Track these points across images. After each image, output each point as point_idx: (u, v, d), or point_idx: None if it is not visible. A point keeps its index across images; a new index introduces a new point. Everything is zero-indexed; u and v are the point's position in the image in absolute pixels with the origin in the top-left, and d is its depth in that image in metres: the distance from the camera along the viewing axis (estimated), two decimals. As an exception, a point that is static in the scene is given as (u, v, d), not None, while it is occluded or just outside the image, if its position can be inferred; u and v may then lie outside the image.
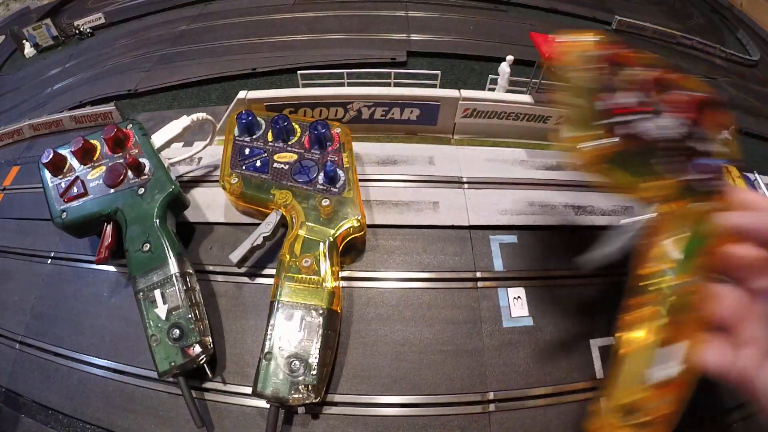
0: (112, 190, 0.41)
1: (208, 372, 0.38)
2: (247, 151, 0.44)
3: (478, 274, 0.45)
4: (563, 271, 0.45)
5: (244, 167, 0.43)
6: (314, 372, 0.34)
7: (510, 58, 0.87)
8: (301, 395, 0.33)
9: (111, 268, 0.47)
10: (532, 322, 0.42)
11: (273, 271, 0.40)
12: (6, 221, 0.67)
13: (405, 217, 0.48)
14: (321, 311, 0.36)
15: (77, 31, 1.41)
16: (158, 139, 0.46)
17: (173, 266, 0.38)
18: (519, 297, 0.43)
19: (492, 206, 0.50)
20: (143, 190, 0.41)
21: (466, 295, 0.42)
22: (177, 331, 0.35)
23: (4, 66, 1.41)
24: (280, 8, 1.35)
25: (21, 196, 0.77)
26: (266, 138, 0.45)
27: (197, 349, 0.35)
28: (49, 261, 0.53)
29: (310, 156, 0.44)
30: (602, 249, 0.33)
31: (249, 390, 0.34)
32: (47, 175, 0.42)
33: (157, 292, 0.37)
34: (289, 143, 0.45)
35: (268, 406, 0.34)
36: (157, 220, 0.40)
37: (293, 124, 0.46)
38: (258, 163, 0.43)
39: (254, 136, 0.45)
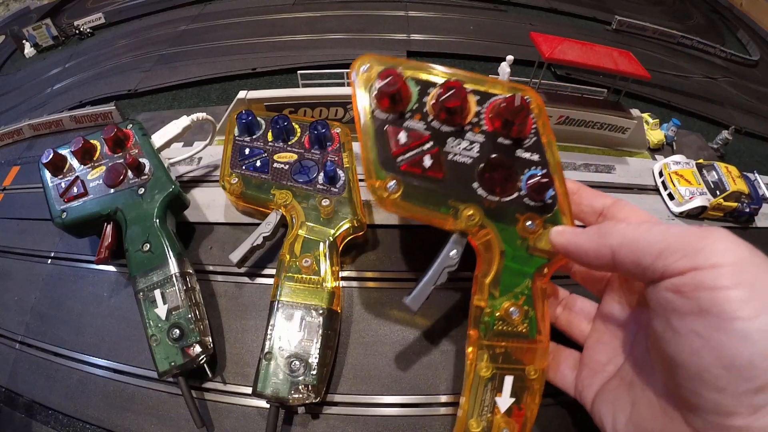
0: (112, 190, 0.41)
1: (208, 372, 0.38)
2: (247, 151, 0.44)
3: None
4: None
5: (244, 167, 0.43)
6: (314, 372, 0.34)
7: (510, 58, 0.88)
8: (301, 395, 0.33)
9: (111, 268, 0.47)
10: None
11: (273, 271, 0.40)
12: (6, 221, 0.67)
13: (405, 217, 0.48)
14: (321, 311, 0.36)
15: (77, 31, 1.42)
16: (158, 139, 0.46)
17: (173, 266, 0.38)
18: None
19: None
20: (143, 190, 0.41)
21: (468, 295, 0.42)
22: (177, 331, 0.35)
23: (4, 66, 1.41)
24: (280, 8, 1.36)
25: (21, 196, 0.77)
26: (266, 138, 0.45)
27: (197, 349, 0.35)
28: (49, 261, 0.53)
29: (310, 156, 0.44)
30: (424, 286, 0.32)
31: (249, 390, 0.34)
32: (47, 175, 0.42)
33: (157, 292, 0.37)
34: (289, 143, 0.45)
35: (268, 406, 0.34)
36: (157, 220, 0.40)
37: (293, 124, 0.46)
38: (258, 163, 0.43)
39: (254, 136, 0.45)
